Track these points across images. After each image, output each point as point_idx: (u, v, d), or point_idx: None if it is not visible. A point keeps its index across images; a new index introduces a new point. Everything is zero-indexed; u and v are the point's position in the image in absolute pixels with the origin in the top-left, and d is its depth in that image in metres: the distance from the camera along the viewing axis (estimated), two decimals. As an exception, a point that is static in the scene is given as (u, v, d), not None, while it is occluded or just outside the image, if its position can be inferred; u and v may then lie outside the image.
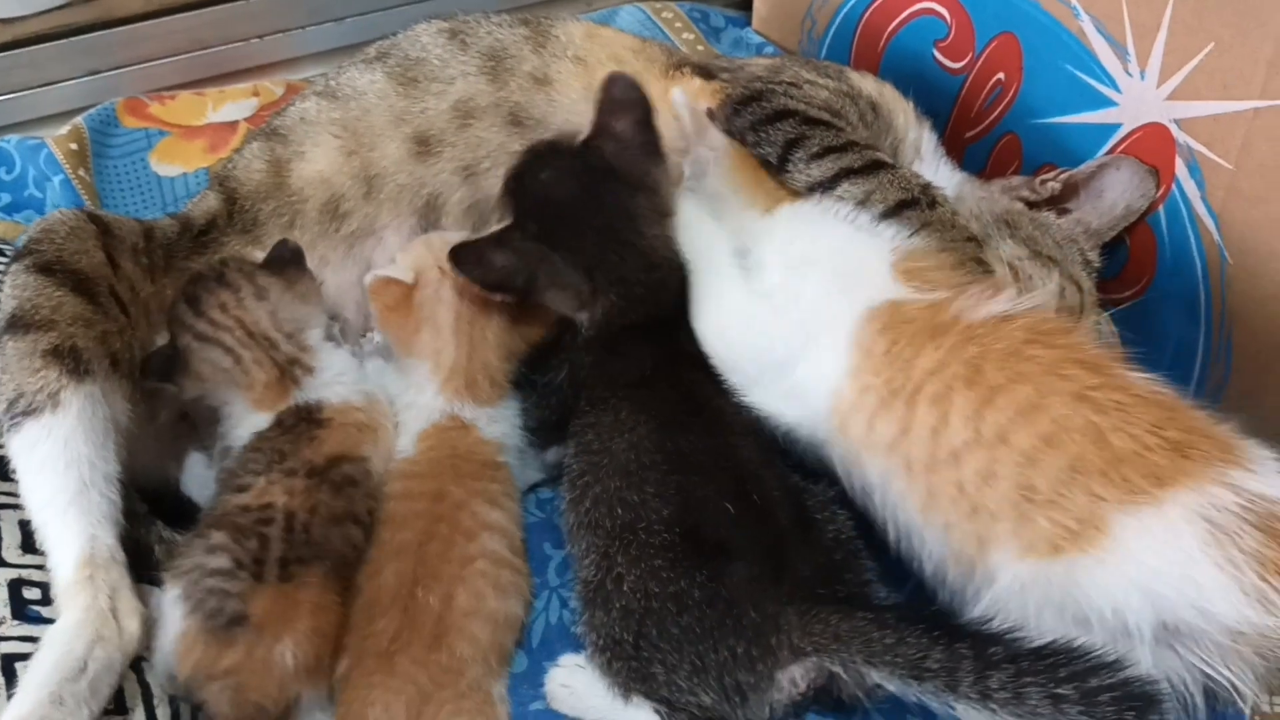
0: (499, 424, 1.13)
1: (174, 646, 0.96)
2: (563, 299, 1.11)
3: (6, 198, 1.46)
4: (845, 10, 1.52)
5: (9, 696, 0.89)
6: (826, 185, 1.13)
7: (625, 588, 0.96)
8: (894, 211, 1.10)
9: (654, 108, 1.14)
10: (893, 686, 0.87)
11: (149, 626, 0.97)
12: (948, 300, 1.00)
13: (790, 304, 1.06)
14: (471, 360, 1.12)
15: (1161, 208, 1.17)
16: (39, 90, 1.61)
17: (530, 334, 1.15)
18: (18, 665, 0.92)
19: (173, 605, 0.97)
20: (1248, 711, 0.88)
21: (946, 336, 0.97)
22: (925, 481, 0.95)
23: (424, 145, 1.25)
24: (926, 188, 1.15)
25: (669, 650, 0.94)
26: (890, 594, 1.03)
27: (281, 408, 1.09)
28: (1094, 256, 1.21)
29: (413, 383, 1.13)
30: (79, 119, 1.55)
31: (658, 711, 0.95)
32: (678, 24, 1.73)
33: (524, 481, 1.16)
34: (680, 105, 1.17)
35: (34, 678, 0.89)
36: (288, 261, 1.15)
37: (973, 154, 1.39)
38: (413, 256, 1.16)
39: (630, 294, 1.10)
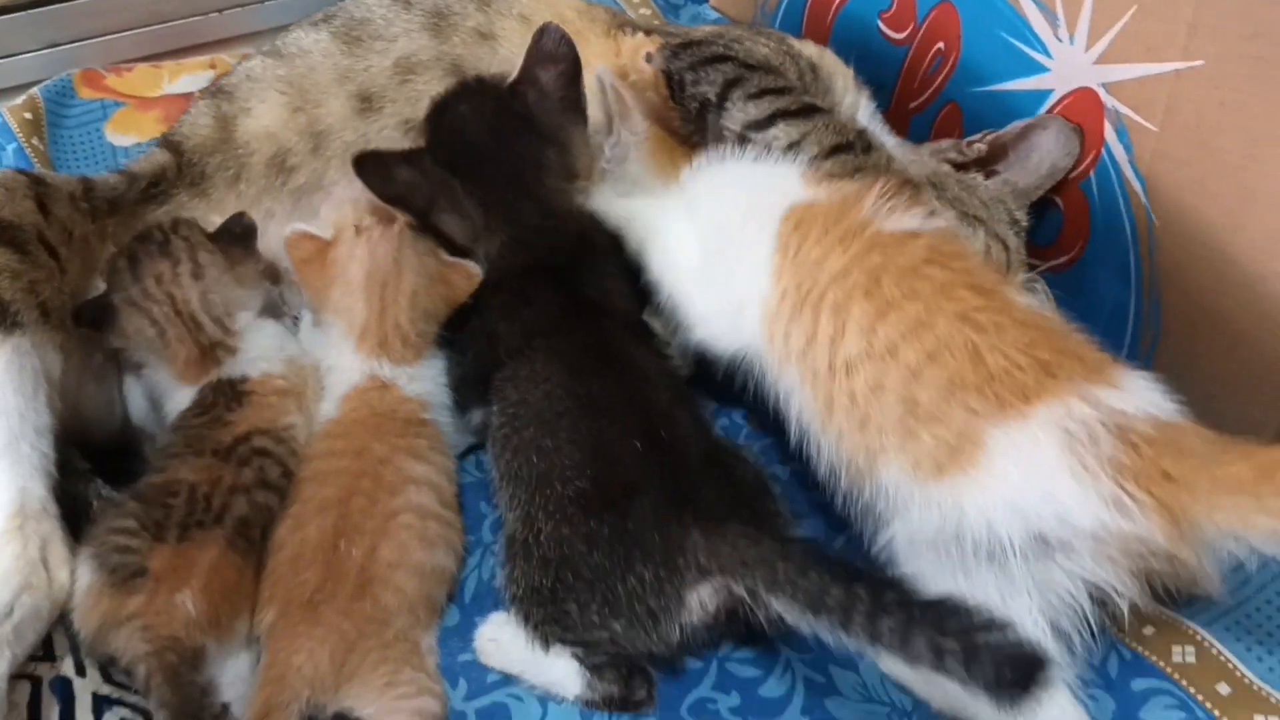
0: (420, 382, 1.15)
1: (80, 601, 0.98)
2: (457, 226, 1.15)
3: (-39, 166, 1.48)
4: (795, -16, 1.55)
5: None
6: (762, 124, 1.14)
7: (543, 538, 0.99)
8: (828, 154, 1.12)
9: (581, 66, 1.16)
10: (790, 617, 0.89)
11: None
12: (860, 198, 1.04)
13: (721, 237, 1.10)
14: (384, 318, 1.14)
15: (1092, 173, 1.19)
16: (-3, 62, 1.62)
17: (450, 295, 1.16)
18: None
19: (83, 565, 0.99)
20: (1125, 609, 0.91)
21: (855, 241, 1.01)
22: (825, 390, 0.98)
23: (367, 102, 1.28)
24: (861, 133, 1.17)
25: (581, 588, 0.96)
26: (801, 533, 1.06)
27: (203, 382, 1.12)
28: (1021, 216, 1.23)
29: (332, 342, 1.15)
30: (35, 90, 1.56)
31: (576, 656, 0.97)
32: (637, 0, 1.75)
33: (457, 445, 1.18)
34: (605, 82, 1.17)
35: None
36: (236, 238, 1.17)
37: (917, 123, 1.40)
38: (336, 212, 1.18)
39: (521, 236, 1.14)
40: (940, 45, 1.34)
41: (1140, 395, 0.91)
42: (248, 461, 1.07)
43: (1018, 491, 0.89)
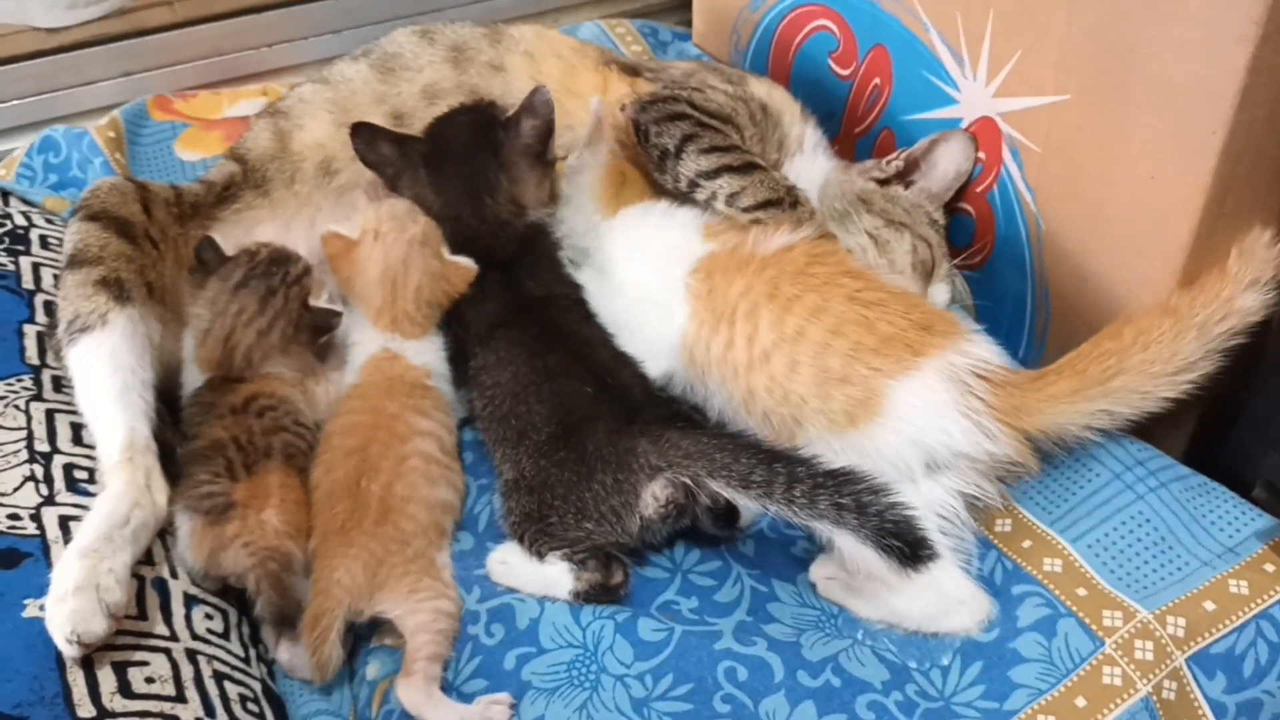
0: (423, 355, 1.34)
1: (187, 544, 1.18)
2: (417, 203, 1.38)
3: (54, 178, 1.70)
4: (762, 28, 1.77)
5: (65, 544, 1.10)
6: (710, 175, 1.36)
7: (527, 473, 1.22)
8: (760, 206, 1.35)
9: (555, 126, 1.39)
10: (726, 494, 1.12)
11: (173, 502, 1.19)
12: (745, 241, 1.28)
13: (641, 286, 1.34)
14: (395, 305, 1.33)
15: (995, 187, 1.41)
16: (80, 88, 1.85)
17: (449, 288, 1.36)
18: (70, 524, 1.13)
19: (182, 521, 1.19)
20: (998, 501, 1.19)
21: (749, 267, 1.26)
22: (747, 381, 1.23)
23: (399, 120, 1.49)
24: (791, 189, 1.38)
25: (559, 503, 1.18)
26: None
27: (212, 375, 1.30)
28: (938, 216, 1.45)
29: (357, 320, 1.36)
30: (116, 112, 1.78)
31: (564, 557, 1.18)
32: (628, 38, 1.96)
33: (459, 409, 1.38)
34: (594, 111, 1.40)
35: (90, 523, 1.11)
36: (316, 331, 1.32)
37: (861, 147, 1.62)
38: (363, 218, 1.37)
39: (460, 230, 1.38)
40: (877, 80, 1.56)
41: (985, 346, 1.18)
42: (262, 414, 1.25)
43: (918, 429, 1.15)
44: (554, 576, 1.19)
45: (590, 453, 1.19)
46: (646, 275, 1.35)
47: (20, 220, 1.54)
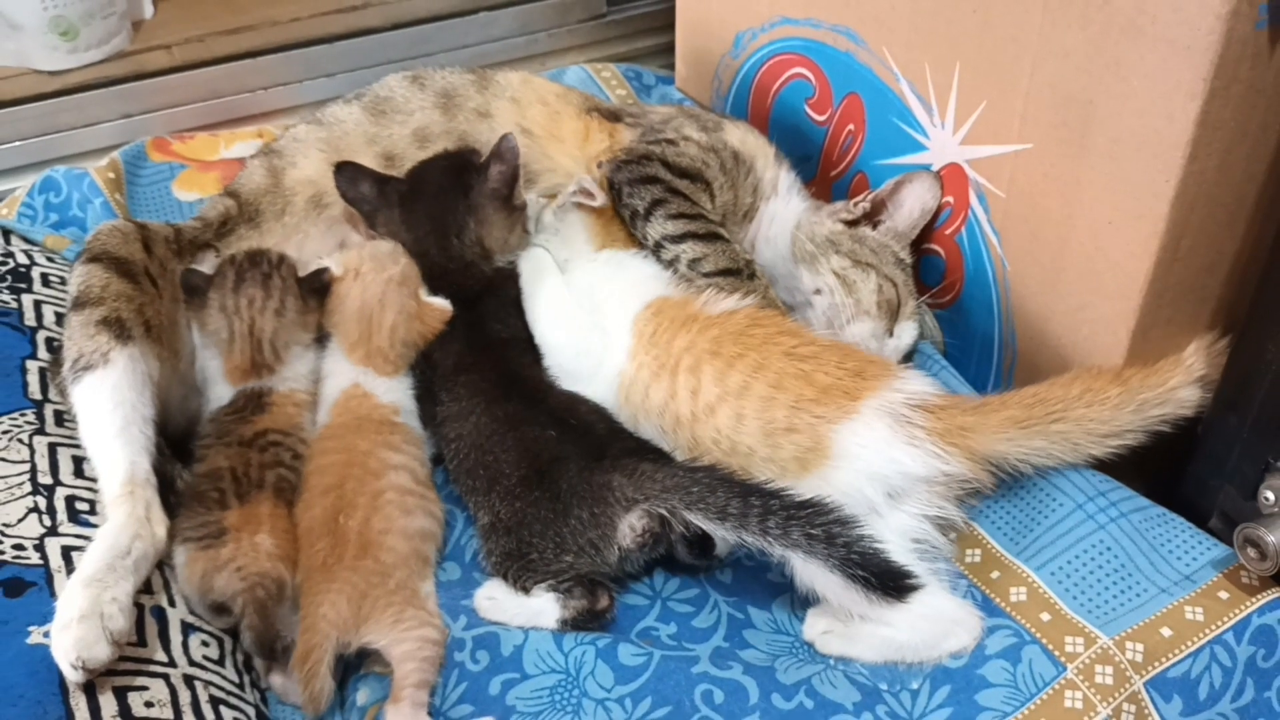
0: (393, 393, 1.38)
1: (185, 574, 1.22)
2: (394, 240, 1.45)
3: (55, 217, 1.74)
4: (742, 74, 1.83)
5: (68, 573, 1.14)
6: (675, 239, 1.43)
7: (503, 516, 1.26)
8: (720, 273, 1.42)
9: (520, 173, 1.47)
10: (703, 525, 1.17)
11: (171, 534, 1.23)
12: (693, 298, 1.36)
13: (599, 316, 1.40)
14: (370, 341, 1.38)
15: (963, 229, 1.47)
16: (82, 130, 1.89)
17: (424, 328, 1.41)
18: (73, 554, 1.17)
19: (180, 554, 1.22)
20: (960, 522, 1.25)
21: (694, 324, 1.33)
22: (691, 432, 1.29)
23: (390, 160, 1.55)
24: (749, 263, 1.45)
25: (537, 540, 1.23)
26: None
27: (241, 386, 1.36)
28: (905, 255, 1.51)
29: (332, 352, 1.41)
30: (116, 154, 1.82)
31: (550, 588, 1.22)
32: (614, 82, 2.02)
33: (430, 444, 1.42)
34: (580, 180, 1.47)
35: (93, 553, 1.14)
36: (316, 290, 1.40)
37: (837, 189, 1.68)
38: (347, 256, 1.44)
39: (429, 265, 1.44)
40: (851, 126, 1.61)
41: (918, 381, 1.26)
42: (266, 449, 1.30)
43: (869, 464, 1.21)
44: (540, 607, 1.23)
45: (565, 490, 1.24)
46: (606, 304, 1.41)
47: (22, 259, 1.59)
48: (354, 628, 1.17)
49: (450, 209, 1.45)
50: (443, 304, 1.42)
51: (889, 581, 1.13)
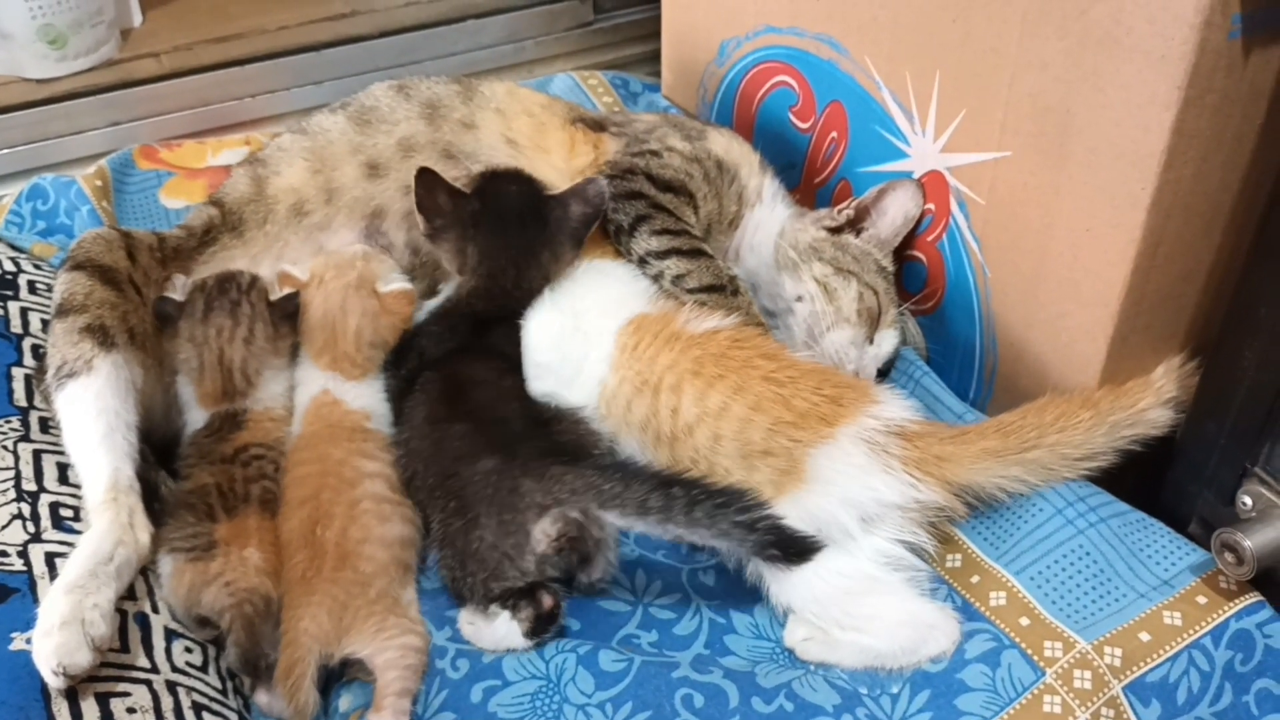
0: (363, 398, 1.38)
1: (171, 585, 1.22)
2: (451, 254, 1.43)
3: (42, 224, 1.75)
4: (727, 82, 1.84)
5: (51, 580, 1.14)
6: (659, 255, 1.43)
7: (436, 533, 1.27)
8: (703, 290, 1.42)
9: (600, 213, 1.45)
10: (622, 524, 1.17)
11: (156, 542, 1.24)
12: (676, 314, 1.36)
13: (581, 322, 1.40)
14: (336, 346, 1.39)
15: (944, 236, 1.48)
16: (70, 137, 1.90)
17: (395, 321, 1.42)
18: (56, 561, 1.17)
19: (165, 563, 1.22)
20: (930, 548, 1.25)
21: (677, 342, 1.33)
22: (670, 450, 1.30)
23: (374, 169, 1.54)
24: (733, 279, 1.45)
25: (462, 549, 1.22)
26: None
27: (215, 410, 1.36)
28: (887, 263, 1.51)
29: (302, 358, 1.41)
30: (103, 161, 1.83)
31: (505, 607, 1.20)
32: (600, 89, 2.03)
33: None
34: None
35: (76, 560, 1.13)
36: (286, 316, 1.40)
37: (821, 196, 1.69)
38: (314, 263, 1.44)
39: (493, 290, 1.42)
40: (834, 134, 1.62)
41: (898, 406, 1.26)
42: (249, 464, 1.31)
43: (844, 489, 1.22)
44: (504, 630, 1.21)
45: (470, 502, 1.23)
46: (590, 313, 1.41)
47: (9, 266, 1.59)
48: (336, 639, 1.17)
49: (532, 240, 1.43)
50: (403, 286, 1.43)
51: (791, 549, 1.16)
